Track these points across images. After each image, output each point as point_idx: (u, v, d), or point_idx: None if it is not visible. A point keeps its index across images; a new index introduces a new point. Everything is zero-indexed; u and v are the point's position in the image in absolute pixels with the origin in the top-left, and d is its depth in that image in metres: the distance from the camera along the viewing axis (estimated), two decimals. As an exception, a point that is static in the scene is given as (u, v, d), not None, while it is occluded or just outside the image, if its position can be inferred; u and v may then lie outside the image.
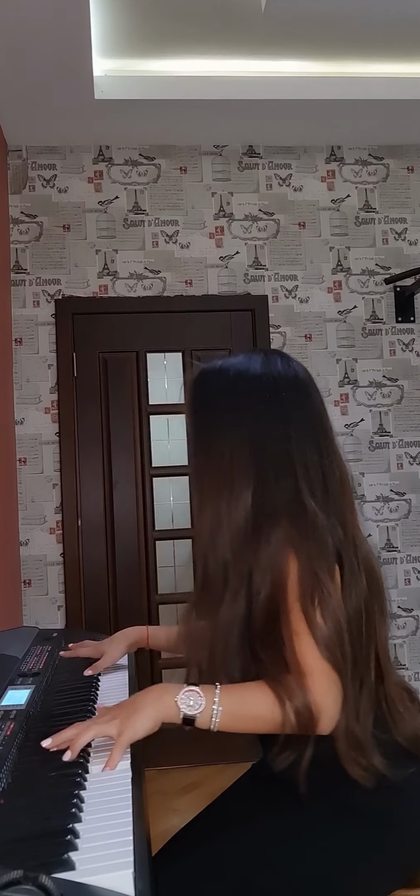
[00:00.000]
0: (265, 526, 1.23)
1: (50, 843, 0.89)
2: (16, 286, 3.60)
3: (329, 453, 1.31)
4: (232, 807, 1.41)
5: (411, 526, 3.74)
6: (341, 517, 1.28)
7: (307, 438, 1.29)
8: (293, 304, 3.76)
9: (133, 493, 3.62)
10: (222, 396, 1.33)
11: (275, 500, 1.24)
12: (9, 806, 1.00)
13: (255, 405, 1.29)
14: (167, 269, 3.71)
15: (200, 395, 1.37)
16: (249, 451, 1.26)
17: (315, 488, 1.25)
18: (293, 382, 1.34)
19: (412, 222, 3.87)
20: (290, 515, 1.22)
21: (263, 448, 1.26)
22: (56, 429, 3.57)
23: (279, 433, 1.27)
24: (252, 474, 1.25)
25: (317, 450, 1.29)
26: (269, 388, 1.31)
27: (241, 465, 1.26)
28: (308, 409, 1.33)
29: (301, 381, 1.35)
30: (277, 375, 1.33)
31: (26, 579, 3.51)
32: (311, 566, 1.19)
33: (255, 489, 1.25)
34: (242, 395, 1.31)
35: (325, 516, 1.23)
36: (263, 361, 1.35)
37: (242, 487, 1.25)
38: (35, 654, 1.72)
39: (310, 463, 1.27)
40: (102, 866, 0.84)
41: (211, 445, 1.31)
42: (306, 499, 1.23)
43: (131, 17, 2.92)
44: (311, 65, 3.28)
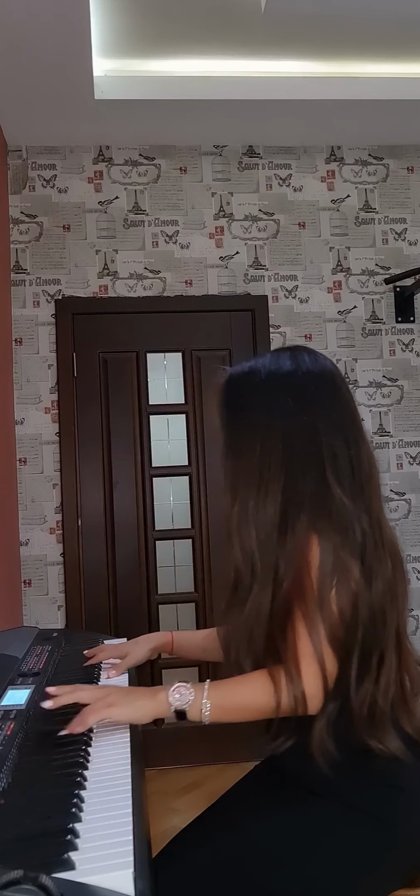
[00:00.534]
0: (291, 518, 1.27)
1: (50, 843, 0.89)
2: (16, 286, 3.60)
3: (357, 443, 1.34)
4: (233, 807, 1.41)
5: (411, 526, 3.74)
6: (368, 502, 1.31)
7: (335, 430, 1.32)
8: (293, 305, 3.76)
9: (133, 493, 3.62)
10: (253, 397, 1.37)
11: (303, 493, 1.27)
12: (9, 806, 1.00)
13: (285, 403, 1.33)
14: (167, 269, 3.71)
15: (231, 398, 1.40)
16: (280, 450, 1.30)
17: (343, 477, 1.29)
18: (320, 377, 1.36)
19: (412, 222, 3.87)
20: (315, 504, 1.26)
21: (293, 445, 1.30)
22: (56, 429, 3.57)
23: (308, 428, 1.31)
24: (283, 473, 1.29)
25: (344, 440, 1.32)
26: (297, 385, 1.34)
27: (271, 464, 1.30)
28: (336, 402, 1.36)
29: (329, 375, 1.38)
30: (306, 371, 1.36)
31: (26, 579, 3.51)
32: (334, 549, 1.23)
33: (285, 487, 1.28)
34: (272, 394, 1.35)
35: (351, 503, 1.27)
36: (291, 359, 1.38)
37: (273, 486, 1.29)
38: (35, 654, 1.72)
39: (338, 453, 1.30)
40: (102, 866, 0.84)
41: (242, 446, 1.34)
42: (334, 488, 1.27)
43: (131, 17, 2.92)
44: (311, 65, 3.28)
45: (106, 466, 3.61)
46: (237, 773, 1.52)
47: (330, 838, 1.23)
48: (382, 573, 1.28)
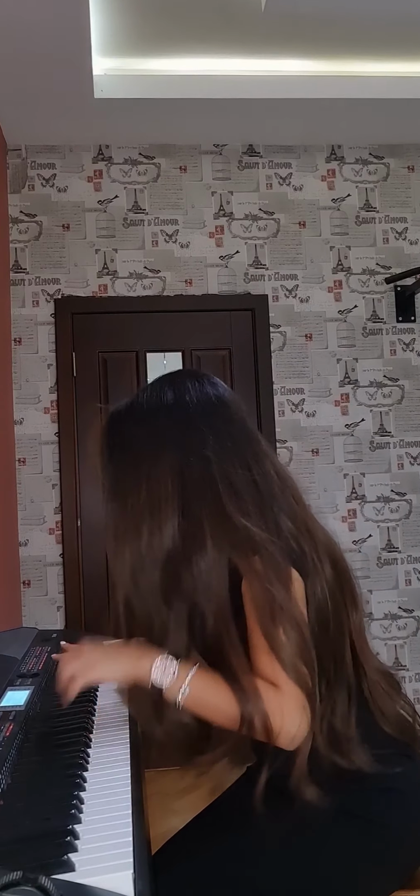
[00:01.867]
0: (196, 554, 1.20)
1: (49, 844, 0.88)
2: (15, 286, 3.59)
3: (258, 463, 1.28)
4: (232, 808, 1.41)
5: (412, 526, 3.74)
6: (290, 514, 1.26)
7: (229, 455, 1.26)
8: (293, 304, 3.76)
9: (133, 493, 3.61)
10: (136, 433, 1.30)
11: (201, 525, 1.21)
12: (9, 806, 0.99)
13: (170, 434, 1.27)
14: (167, 268, 3.70)
15: (113, 437, 1.33)
16: (168, 482, 1.24)
17: (244, 503, 1.22)
18: (206, 404, 1.31)
19: (413, 222, 3.86)
20: (220, 537, 1.20)
21: (182, 475, 1.24)
22: (55, 429, 3.56)
23: (197, 457, 1.24)
24: (174, 504, 1.22)
25: (242, 463, 1.26)
26: (182, 415, 1.28)
27: (160, 497, 1.23)
28: (226, 426, 1.30)
29: (216, 400, 1.32)
30: (190, 401, 1.30)
31: (26, 580, 3.50)
32: (261, 583, 1.16)
33: (180, 518, 1.22)
34: (156, 427, 1.29)
35: (261, 525, 1.20)
36: (173, 389, 1.32)
37: (165, 520, 1.22)
38: (34, 655, 1.72)
39: (235, 478, 1.24)
40: (102, 867, 0.84)
41: (127, 485, 1.27)
42: (235, 517, 1.20)
43: (131, 16, 2.92)
44: (311, 64, 3.28)
45: (106, 466, 3.59)
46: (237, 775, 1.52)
47: (327, 840, 1.23)
48: (320, 581, 1.23)
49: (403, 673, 3.64)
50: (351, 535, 3.64)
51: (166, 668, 1.16)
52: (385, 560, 3.70)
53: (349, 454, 3.72)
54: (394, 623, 3.69)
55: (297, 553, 1.22)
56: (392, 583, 3.70)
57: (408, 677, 3.66)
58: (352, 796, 1.23)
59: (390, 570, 3.70)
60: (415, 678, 3.68)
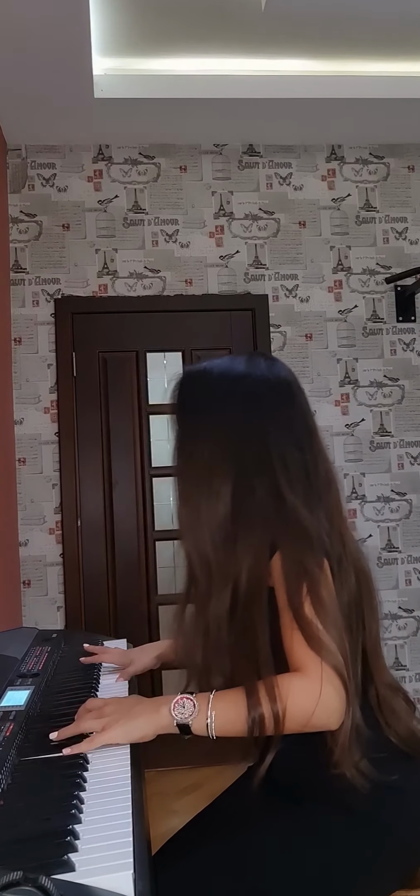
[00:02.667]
0: (244, 525, 1.23)
1: (50, 844, 0.88)
2: (15, 285, 3.59)
3: (312, 452, 1.31)
4: (231, 807, 1.41)
5: (412, 526, 3.74)
6: (328, 513, 1.28)
7: (287, 437, 1.29)
8: (293, 304, 3.76)
9: (133, 493, 3.61)
10: (203, 398, 1.35)
11: (254, 497, 1.24)
12: (9, 806, 0.99)
13: (234, 405, 1.31)
14: (167, 268, 3.70)
15: (183, 397, 1.39)
16: (228, 451, 1.28)
17: (295, 484, 1.25)
18: (275, 384, 1.34)
19: (413, 221, 3.86)
20: (269, 511, 1.23)
21: (241, 447, 1.27)
22: (55, 429, 3.56)
23: (257, 432, 1.28)
24: (231, 474, 1.26)
25: (298, 448, 1.29)
26: (249, 388, 1.32)
27: (219, 464, 1.27)
28: (289, 409, 1.33)
29: (283, 383, 1.35)
30: (259, 377, 1.34)
31: (26, 580, 3.50)
32: (296, 560, 1.19)
33: (235, 488, 1.26)
34: (222, 395, 1.33)
35: (308, 511, 1.23)
36: (246, 363, 1.36)
37: (221, 486, 1.26)
38: (34, 655, 1.72)
39: (290, 460, 1.27)
40: (102, 867, 0.84)
41: (192, 446, 1.32)
42: (286, 493, 1.23)
43: (131, 16, 2.92)
44: (311, 64, 3.28)
45: (105, 466, 3.60)
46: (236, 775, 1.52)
47: (328, 839, 1.23)
48: (347, 587, 1.25)
49: (403, 673, 3.64)
50: (351, 535, 3.64)
51: (185, 706, 1.16)
52: (385, 560, 3.71)
53: (349, 454, 3.72)
54: (394, 623, 3.69)
55: (329, 555, 1.23)
56: (392, 583, 3.70)
57: (408, 677, 3.66)
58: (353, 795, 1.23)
59: (390, 570, 3.70)
60: (415, 678, 3.68)
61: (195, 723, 1.15)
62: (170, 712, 1.16)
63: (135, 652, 1.70)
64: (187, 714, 1.15)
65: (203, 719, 1.15)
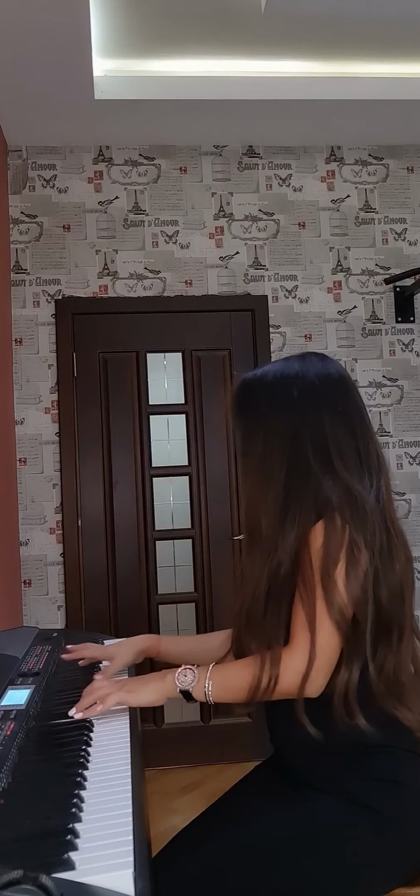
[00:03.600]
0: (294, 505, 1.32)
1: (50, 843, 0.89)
2: (16, 286, 3.60)
3: (364, 438, 1.40)
4: (233, 807, 1.42)
5: (411, 526, 3.74)
6: (379, 494, 1.35)
7: (341, 423, 1.37)
8: (293, 305, 3.76)
9: (133, 493, 3.62)
10: (261, 397, 1.43)
11: (309, 470, 1.33)
12: (9, 806, 1.00)
13: (290, 396, 1.39)
14: (167, 269, 3.71)
15: (242, 401, 1.47)
16: (282, 438, 1.37)
17: (349, 463, 1.34)
18: (328, 376, 1.42)
19: (412, 222, 3.87)
20: (322, 483, 1.31)
21: (297, 434, 1.36)
22: (56, 429, 3.57)
23: (313, 418, 1.36)
24: (286, 450, 1.36)
25: (351, 433, 1.38)
26: (303, 381, 1.40)
27: (276, 451, 1.36)
28: (343, 399, 1.41)
29: (337, 375, 1.44)
30: (313, 372, 1.41)
31: (26, 579, 3.51)
32: (341, 528, 1.26)
33: (289, 463, 1.35)
34: (278, 390, 1.41)
35: (359, 484, 1.31)
36: (300, 362, 1.44)
37: (276, 468, 1.36)
38: (35, 654, 1.72)
39: (343, 441, 1.36)
40: (102, 866, 0.84)
41: (250, 441, 1.42)
42: (340, 471, 1.32)
43: (131, 17, 2.92)
44: (311, 65, 3.28)
45: (106, 466, 3.61)
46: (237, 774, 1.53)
47: (331, 834, 1.23)
48: (399, 561, 1.32)
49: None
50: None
51: (187, 675, 1.32)
52: (385, 560, 3.70)
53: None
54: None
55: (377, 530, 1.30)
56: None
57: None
58: (359, 791, 1.24)
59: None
60: (414, 678, 3.68)
61: (195, 689, 1.31)
62: (174, 680, 1.32)
63: (114, 647, 1.67)
64: (188, 682, 1.31)
65: (201, 686, 1.31)
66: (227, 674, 1.33)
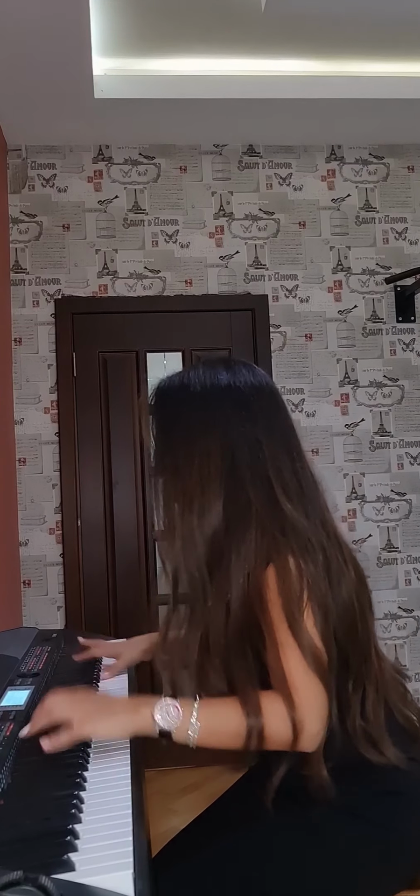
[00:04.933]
0: (238, 534, 1.21)
1: (50, 844, 0.89)
2: (15, 286, 3.60)
3: (300, 458, 1.31)
4: (232, 808, 1.41)
5: (412, 526, 3.74)
6: (321, 516, 1.28)
7: (278, 444, 1.28)
8: (293, 304, 3.76)
9: (133, 493, 3.62)
10: (188, 410, 1.31)
11: (249, 506, 1.22)
12: (9, 806, 0.99)
13: (224, 414, 1.28)
14: (167, 268, 3.70)
15: (163, 411, 1.34)
16: (220, 460, 1.25)
17: (290, 492, 1.24)
18: (260, 390, 1.33)
19: (412, 222, 3.87)
20: (266, 521, 1.21)
21: (233, 456, 1.25)
22: (56, 429, 3.56)
23: (249, 440, 1.26)
24: (223, 483, 1.24)
25: (288, 456, 1.28)
26: (236, 397, 1.30)
27: (210, 475, 1.24)
28: (277, 416, 1.32)
29: (268, 389, 1.35)
30: (244, 384, 1.32)
31: (26, 579, 3.51)
32: (296, 568, 1.17)
33: (227, 498, 1.23)
34: (209, 406, 1.29)
35: (304, 518, 1.23)
36: (228, 371, 1.33)
37: (213, 498, 1.23)
38: (35, 655, 1.72)
39: (283, 468, 1.26)
40: (102, 867, 0.84)
41: (178, 461, 1.28)
42: (283, 503, 1.22)
43: (131, 17, 2.92)
44: (311, 64, 3.28)
45: (106, 466, 3.60)
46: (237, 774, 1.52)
47: (328, 841, 1.23)
48: (347, 585, 1.24)
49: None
50: (351, 535, 3.64)
51: (170, 711, 1.12)
52: (385, 560, 3.71)
53: (349, 454, 3.72)
54: (394, 623, 3.69)
55: (328, 559, 1.23)
56: (392, 583, 3.70)
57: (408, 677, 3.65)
58: (356, 798, 1.23)
59: (390, 570, 3.71)
60: (415, 678, 3.68)
61: (177, 731, 1.12)
62: (152, 716, 1.12)
63: (122, 645, 1.71)
64: (172, 721, 1.12)
65: (185, 728, 1.12)
66: (218, 716, 1.16)
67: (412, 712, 1.33)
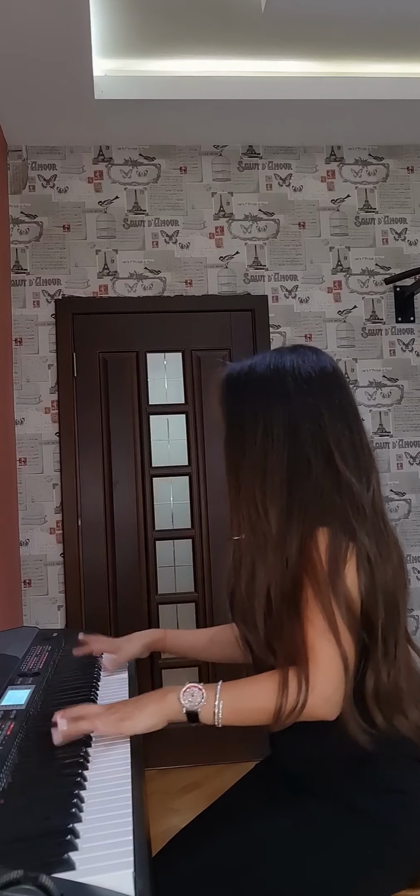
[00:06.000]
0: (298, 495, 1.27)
1: (50, 843, 0.89)
2: (16, 286, 3.60)
3: (359, 431, 1.37)
4: (232, 807, 1.41)
5: (412, 526, 3.74)
6: (372, 489, 1.33)
7: (338, 417, 1.34)
8: (293, 304, 3.76)
9: (133, 493, 3.62)
10: (254, 389, 1.37)
11: (309, 470, 1.29)
12: (9, 806, 0.99)
13: (287, 390, 1.34)
14: (167, 269, 3.71)
15: (232, 393, 1.41)
16: (282, 435, 1.31)
17: (347, 458, 1.30)
18: (323, 370, 1.38)
19: (412, 222, 3.87)
20: (324, 486, 1.27)
21: (297, 429, 1.31)
22: (56, 429, 3.57)
23: (312, 412, 1.32)
24: (285, 449, 1.30)
25: (348, 428, 1.34)
26: (300, 375, 1.36)
27: (274, 450, 1.31)
28: (338, 392, 1.38)
29: (331, 369, 1.40)
30: (308, 364, 1.38)
31: (26, 579, 3.51)
32: (345, 527, 1.23)
33: (289, 461, 1.30)
34: (273, 384, 1.36)
35: (358, 482, 1.29)
36: (292, 354, 1.40)
37: (276, 472, 1.30)
38: (35, 654, 1.72)
39: (342, 436, 1.32)
40: (102, 866, 0.84)
41: (244, 437, 1.35)
42: (342, 469, 1.28)
43: (131, 17, 2.92)
44: (311, 65, 3.28)
45: (106, 466, 3.61)
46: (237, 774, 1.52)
47: (329, 839, 1.23)
48: (391, 561, 1.29)
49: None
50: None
51: (194, 694, 1.20)
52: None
53: (349, 454, 3.71)
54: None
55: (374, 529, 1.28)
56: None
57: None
58: (357, 796, 1.24)
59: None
60: (414, 678, 3.68)
61: (203, 710, 1.19)
62: (178, 699, 1.19)
63: (122, 641, 1.71)
64: (196, 702, 1.19)
65: (210, 707, 1.19)
66: (241, 694, 1.23)
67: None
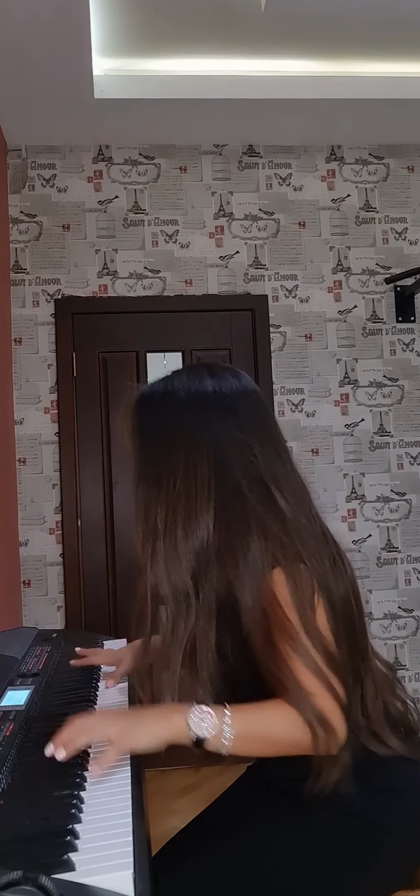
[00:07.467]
0: (240, 541, 1.17)
1: (50, 844, 0.89)
2: (15, 286, 3.60)
3: (289, 460, 1.30)
4: (232, 808, 1.41)
5: (412, 526, 3.74)
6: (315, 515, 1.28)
7: (269, 448, 1.26)
8: (293, 304, 3.76)
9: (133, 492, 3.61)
10: (172, 419, 1.27)
11: (246, 512, 1.19)
12: (9, 806, 0.99)
13: (210, 421, 1.25)
14: (167, 268, 3.70)
15: (145, 421, 1.30)
16: (207, 468, 1.21)
17: (286, 493, 1.23)
18: (245, 395, 1.31)
19: (412, 222, 3.87)
20: (267, 523, 1.18)
21: (225, 462, 1.21)
22: (56, 429, 3.56)
23: (240, 445, 1.23)
24: (213, 492, 1.20)
25: (279, 458, 1.27)
26: (223, 404, 1.27)
27: (198, 484, 1.20)
28: (265, 421, 1.31)
29: (253, 393, 1.33)
30: (229, 390, 1.30)
31: (26, 580, 3.51)
32: (306, 569, 1.16)
33: (220, 506, 1.19)
34: (195, 414, 1.26)
35: (303, 517, 1.22)
36: (212, 378, 1.30)
37: (202, 508, 1.19)
38: (34, 655, 1.72)
39: (277, 470, 1.24)
40: (102, 867, 0.84)
41: (161, 472, 1.24)
42: (282, 504, 1.20)
43: (131, 17, 2.92)
44: (312, 64, 3.28)
45: (106, 466, 3.60)
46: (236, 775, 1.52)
47: (326, 841, 1.23)
48: (344, 582, 1.23)
49: (403, 673, 3.65)
50: (351, 534, 3.64)
51: (204, 719, 1.07)
52: (385, 560, 3.71)
53: (349, 454, 3.72)
54: (393, 623, 3.69)
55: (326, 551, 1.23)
56: (392, 583, 3.70)
57: (408, 677, 3.66)
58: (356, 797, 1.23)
59: (390, 570, 3.71)
60: (415, 678, 3.68)
61: (213, 739, 1.08)
62: (186, 722, 1.08)
63: (123, 651, 1.66)
64: (208, 730, 1.07)
65: (218, 735, 1.08)
66: (254, 721, 1.12)
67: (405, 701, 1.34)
